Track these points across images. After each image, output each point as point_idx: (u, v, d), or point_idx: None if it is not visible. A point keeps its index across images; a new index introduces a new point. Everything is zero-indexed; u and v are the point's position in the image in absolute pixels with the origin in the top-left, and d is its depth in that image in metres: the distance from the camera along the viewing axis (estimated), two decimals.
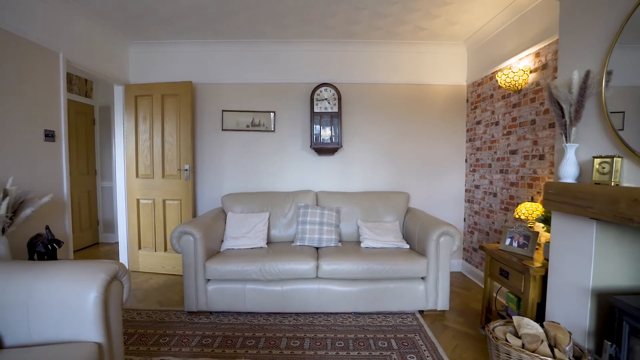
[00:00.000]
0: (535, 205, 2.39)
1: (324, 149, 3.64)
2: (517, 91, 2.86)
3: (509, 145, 3.00)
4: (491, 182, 3.28)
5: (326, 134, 3.62)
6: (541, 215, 2.29)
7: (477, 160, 3.56)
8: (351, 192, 3.51)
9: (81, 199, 4.69)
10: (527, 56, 2.76)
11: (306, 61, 3.75)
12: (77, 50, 2.93)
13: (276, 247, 2.99)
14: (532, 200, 2.64)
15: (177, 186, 3.60)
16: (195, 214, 3.80)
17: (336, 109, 3.58)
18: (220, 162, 3.82)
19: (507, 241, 2.35)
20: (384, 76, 3.76)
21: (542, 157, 2.57)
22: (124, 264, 3.73)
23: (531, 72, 2.69)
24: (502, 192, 3.10)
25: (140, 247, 3.73)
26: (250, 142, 3.80)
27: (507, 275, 2.23)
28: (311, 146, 3.61)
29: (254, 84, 3.77)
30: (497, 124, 3.20)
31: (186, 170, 3.55)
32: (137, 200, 3.69)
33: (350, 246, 3.00)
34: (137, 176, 3.68)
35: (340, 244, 3.08)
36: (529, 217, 2.38)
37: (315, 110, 3.58)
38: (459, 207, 3.87)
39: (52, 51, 2.64)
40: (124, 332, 2.38)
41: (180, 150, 3.58)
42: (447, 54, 3.75)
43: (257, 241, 2.99)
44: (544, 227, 2.37)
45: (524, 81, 2.72)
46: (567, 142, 1.72)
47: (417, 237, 2.89)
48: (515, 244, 2.30)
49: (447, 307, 2.69)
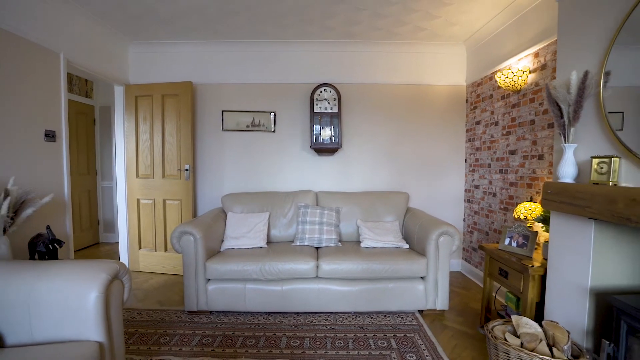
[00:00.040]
0: (534, 205, 2.40)
1: (324, 149, 3.65)
2: (517, 91, 2.87)
3: (508, 145, 3.01)
4: (490, 182, 3.29)
5: (326, 134, 3.63)
6: (540, 215, 2.30)
7: (477, 160, 3.57)
8: (351, 192, 3.52)
9: (81, 199, 4.69)
10: (526, 56, 2.76)
11: (306, 61, 3.76)
12: (77, 50, 2.93)
13: (276, 247, 3.00)
14: (532, 200, 2.65)
15: (178, 186, 3.61)
16: (195, 214, 3.81)
17: (336, 109, 3.59)
18: (220, 162, 3.83)
19: (507, 241, 2.36)
20: (383, 76, 3.77)
21: (541, 157, 2.58)
22: (125, 263, 3.73)
23: (530, 73, 2.70)
24: (501, 192, 3.11)
25: (140, 247, 3.74)
26: (250, 142, 3.81)
27: (506, 274, 2.24)
28: (311, 146, 3.62)
29: (254, 84, 3.78)
30: (496, 124, 3.20)
31: (186, 170, 3.56)
32: (138, 200, 3.70)
33: (350, 246, 3.01)
34: (137, 176, 3.69)
35: (340, 243, 3.09)
36: (528, 217, 2.39)
37: (315, 110, 3.58)
38: (458, 207, 3.88)
39: (53, 51, 2.65)
40: (125, 332, 2.39)
41: (180, 150, 3.58)
42: (447, 54, 3.76)
43: (257, 241, 3.00)
44: (543, 227, 2.38)
45: (523, 81, 2.73)
46: (565, 143, 1.73)
47: (416, 237, 2.90)
48: (514, 244, 2.31)
49: (447, 307, 2.70)
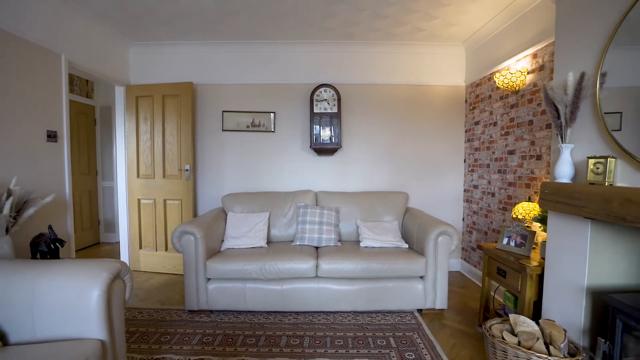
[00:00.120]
0: (532, 205, 2.42)
1: (324, 149, 3.67)
2: (515, 92, 2.89)
3: (506, 145, 3.03)
4: (489, 182, 3.31)
5: (326, 134, 3.65)
6: (538, 214, 2.32)
7: (476, 160, 3.58)
8: (350, 192, 3.54)
9: (82, 199, 4.71)
10: (524, 57, 2.78)
11: (306, 62, 3.77)
12: (78, 51, 2.95)
13: (276, 246, 3.02)
14: (530, 200, 2.67)
15: (178, 186, 3.62)
16: (195, 214, 3.82)
17: (336, 110, 3.60)
18: (220, 163, 3.85)
19: (505, 240, 2.38)
20: (383, 77, 3.79)
21: (539, 158, 2.60)
22: (126, 263, 3.75)
23: (529, 73, 2.72)
24: (500, 192, 3.12)
25: (141, 247, 3.76)
26: (250, 142, 3.83)
27: (505, 274, 2.26)
28: (311, 146, 3.64)
29: (254, 84, 3.79)
30: (495, 124, 3.22)
31: (187, 170, 3.58)
32: (138, 200, 3.72)
33: (349, 245, 3.03)
34: (138, 176, 3.71)
35: (339, 243, 3.11)
36: (526, 217, 2.40)
37: (314, 110, 3.60)
38: (457, 207, 3.89)
39: (54, 52, 2.67)
40: (126, 331, 2.40)
41: (181, 150, 3.60)
42: (446, 55, 3.78)
43: (257, 241, 3.01)
44: (540, 227, 2.40)
45: (522, 82, 2.75)
46: (562, 143, 1.75)
47: (415, 237, 2.92)
48: (512, 244, 2.33)
49: (446, 306, 2.72)
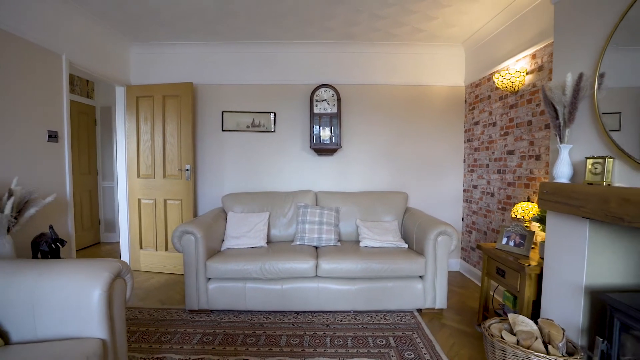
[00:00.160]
0: (531, 205, 2.43)
1: (324, 150, 3.68)
2: (514, 92, 2.90)
3: (506, 145, 3.04)
4: (489, 182, 3.32)
5: (326, 134, 3.66)
6: (537, 214, 2.33)
7: (475, 160, 3.59)
8: (350, 192, 3.55)
9: (83, 199, 4.72)
10: (523, 58, 2.79)
11: (306, 62, 3.78)
12: (79, 52, 2.96)
13: (276, 246, 3.02)
14: (529, 200, 2.68)
15: (178, 186, 3.63)
16: (196, 214, 3.83)
17: (335, 110, 3.61)
18: (220, 163, 3.86)
19: (504, 240, 2.39)
20: (382, 77, 3.80)
21: (538, 158, 2.61)
22: (127, 262, 3.76)
23: (528, 74, 2.73)
24: (499, 192, 3.13)
25: (141, 247, 3.77)
26: (250, 142, 3.84)
27: (504, 273, 2.27)
28: (311, 146, 3.65)
29: (254, 84, 3.80)
30: (494, 124, 3.23)
31: (187, 170, 3.58)
32: (139, 200, 3.73)
33: (349, 245, 3.04)
34: (138, 176, 3.72)
35: (339, 243, 3.11)
36: (525, 217, 2.41)
37: (314, 111, 3.61)
38: (457, 207, 3.90)
39: (55, 53, 2.68)
40: (127, 330, 2.40)
41: (181, 150, 3.61)
42: (445, 55, 3.79)
43: (257, 240, 3.02)
44: (539, 227, 2.41)
45: (521, 82, 2.76)
46: (561, 143, 1.76)
47: (415, 237, 2.93)
48: (511, 243, 2.34)
49: (445, 306, 2.73)
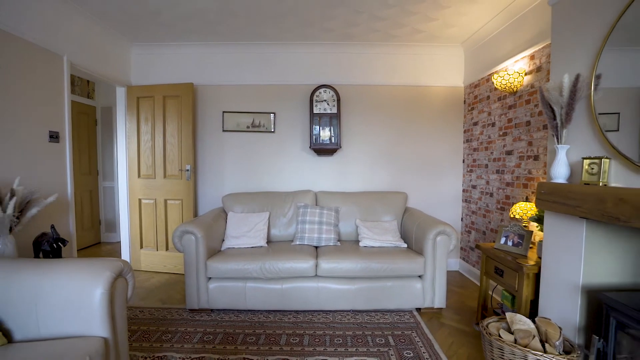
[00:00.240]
0: (529, 205, 2.44)
1: (323, 150, 3.69)
2: (513, 93, 2.91)
3: (504, 146, 3.06)
4: (488, 182, 3.33)
5: (325, 134, 3.67)
6: (535, 214, 2.34)
7: (474, 160, 3.61)
8: (350, 192, 3.56)
9: (83, 199, 4.73)
10: (522, 59, 2.81)
11: (306, 63, 3.80)
12: (80, 52, 2.98)
13: (276, 246, 3.04)
14: (527, 200, 2.69)
15: (179, 186, 3.65)
16: (196, 214, 3.85)
17: (335, 110, 3.63)
18: (221, 163, 3.87)
19: (502, 240, 2.40)
20: (382, 78, 3.81)
21: (536, 158, 2.63)
22: (128, 262, 3.78)
23: (526, 75, 2.74)
24: (498, 192, 3.15)
25: (142, 247, 3.78)
26: (250, 142, 3.85)
27: (502, 273, 2.28)
28: (310, 147, 3.66)
29: (254, 85, 3.82)
30: (493, 125, 3.25)
31: (187, 170, 3.60)
32: (139, 200, 3.74)
33: (349, 245, 3.05)
34: (139, 176, 3.73)
35: (339, 243, 3.13)
36: (523, 217, 2.43)
37: (314, 111, 3.62)
38: (456, 207, 3.92)
39: (57, 54, 2.69)
40: (128, 329, 2.42)
41: (181, 150, 3.63)
42: (445, 56, 3.80)
43: (257, 240, 3.04)
44: (537, 227, 2.42)
45: (519, 83, 2.77)
46: (558, 144, 1.77)
47: (414, 236, 2.94)
48: (510, 243, 2.35)
49: (444, 305, 2.74)
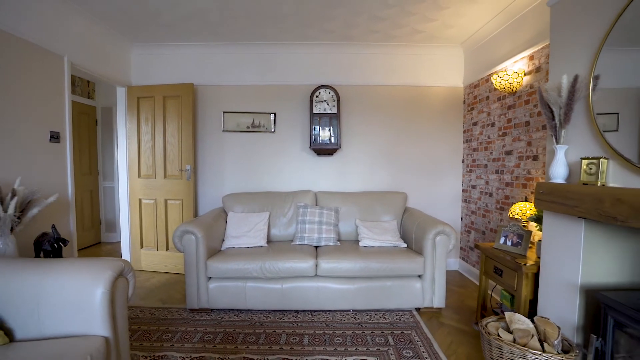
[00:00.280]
0: (528, 204, 2.45)
1: (323, 150, 3.70)
2: (512, 93, 2.92)
3: (504, 146, 3.06)
4: (487, 182, 3.34)
5: (325, 135, 3.68)
6: (534, 214, 2.35)
7: (474, 160, 3.62)
8: (350, 192, 3.57)
9: (84, 199, 4.74)
10: (521, 59, 2.81)
11: (305, 63, 3.81)
12: (80, 53, 2.99)
13: (276, 246, 3.05)
14: (526, 200, 2.70)
15: (179, 186, 3.66)
16: (196, 214, 3.86)
17: (335, 111, 3.63)
18: (221, 163, 3.88)
19: (502, 240, 2.41)
20: (382, 78, 3.82)
21: (535, 158, 2.63)
22: (128, 261, 3.78)
23: (525, 75, 2.75)
24: (497, 192, 3.16)
25: (142, 246, 3.79)
26: (250, 143, 3.86)
27: (501, 273, 2.29)
28: (310, 147, 3.67)
29: (254, 85, 3.83)
30: (492, 125, 3.26)
31: (187, 170, 3.61)
32: (139, 200, 3.75)
33: (348, 245, 3.06)
34: (139, 176, 3.74)
35: (339, 242, 3.14)
36: (522, 217, 2.44)
37: (314, 111, 3.63)
38: (456, 207, 3.93)
39: (57, 54, 2.70)
40: (128, 329, 2.43)
41: (181, 151, 3.63)
42: (444, 56, 3.81)
43: (257, 240, 3.05)
44: (536, 226, 2.43)
45: (519, 83, 2.78)
46: (557, 144, 1.78)
47: (414, 236, 2.95)
48: (509, 243, 2.36)
49: (443, 305, 2.75)
